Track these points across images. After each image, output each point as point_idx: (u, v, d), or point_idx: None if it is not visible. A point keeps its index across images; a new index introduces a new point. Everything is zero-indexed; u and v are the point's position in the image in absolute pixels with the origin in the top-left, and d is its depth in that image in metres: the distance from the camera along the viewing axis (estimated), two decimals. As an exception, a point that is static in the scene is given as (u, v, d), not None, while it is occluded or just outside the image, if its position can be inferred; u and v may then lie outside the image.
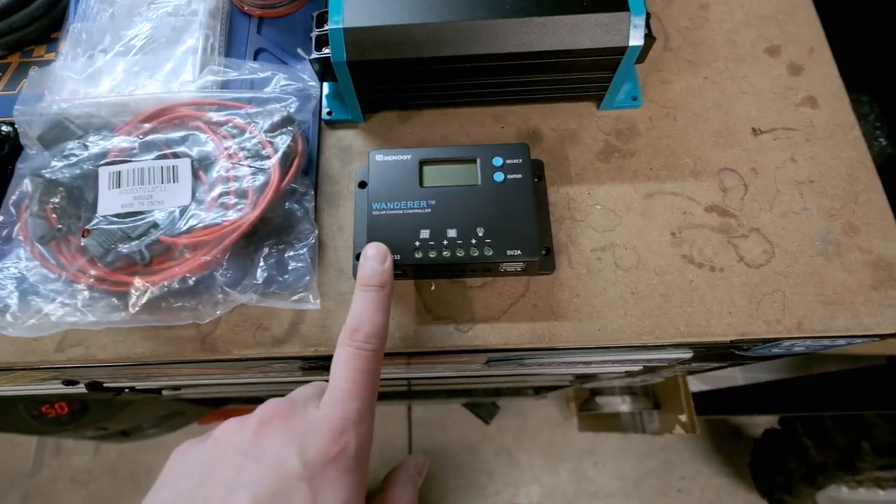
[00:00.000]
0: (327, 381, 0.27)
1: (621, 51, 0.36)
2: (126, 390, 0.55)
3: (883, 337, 0.38)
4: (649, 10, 0.37)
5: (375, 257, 0.31)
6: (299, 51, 0.44)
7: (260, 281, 0.35)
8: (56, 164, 0.36)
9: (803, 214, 0.39)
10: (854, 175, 0.40)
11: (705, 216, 0.39)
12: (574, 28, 0.35)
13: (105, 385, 0.50)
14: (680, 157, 0.41)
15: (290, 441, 0.24)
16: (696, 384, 1.05)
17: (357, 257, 0.38)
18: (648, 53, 0.38)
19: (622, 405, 0.94)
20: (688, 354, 0.45)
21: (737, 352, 0.44)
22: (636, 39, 0.35)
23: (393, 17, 0.35)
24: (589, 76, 0.39)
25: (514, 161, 0.37)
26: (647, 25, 0.36)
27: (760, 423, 1.15)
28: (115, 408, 0.79)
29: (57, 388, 0.50)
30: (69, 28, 0.42)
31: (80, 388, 0.50)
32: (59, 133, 0.37)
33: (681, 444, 1.19)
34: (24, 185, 0.36)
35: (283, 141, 0.37)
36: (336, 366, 0.27)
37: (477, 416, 1.22)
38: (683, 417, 0.80)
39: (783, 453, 1.02)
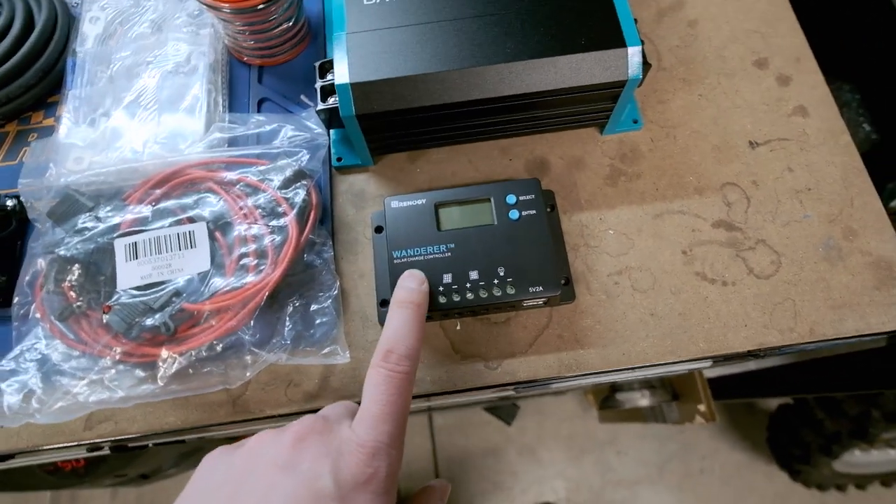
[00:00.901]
0: (358, 402, 0.28)
1: (622, 83, 0.37)
2: (150, 445, 0.55)
3: (890, 334, 0.39)
4: (642, 37, 0.38)
5: (412, 279, 0.33)
6: (303, 97, 0.44)
7: (288, 340, 0.35)
8: (69, 240, 0.36)
9: (804, 222, 0.41)
10: (848, 179, 0.42)
11: (713, 232, 0.41)
12: (575, 67, 0.36)
13: (130, 445, 0.49)
14: (683, 175, 0.42)
15: (325, 459, 0.24)
16: (709, 370, 1.08)
17: (381, 304, 0.38)
18: (646, 78, 0.39)
19: (642, 399, 0.96)
20: (707, 364, 0.46)
21: (753, 357, 0.45)
22: (635, 71, 0.36)
23: (398, 69, 0.35)
24: (592, 107, 0.40)
25: (527, 197, 0.38)
26: (643, 53, 0.37)
27: (774, 398, 1.18)
28: (134, 453, 0.78)
29: (79, 453, 0.49)
30: (68, 94, 0.42)
31: (104, 452, 0.49)
32: (69, 207, 0.37)
33: (699, 426, 1.21)
34: (37, 265, 0.36)
35: (297, 196, 0.37)
36: (368, 387, 0.27)
37: (498, 417, 1.23)
38: (702, 407, 0.82)
39: (798, 427, 1.05)
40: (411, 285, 0.32)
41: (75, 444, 0.37)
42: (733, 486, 1.18)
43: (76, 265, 0.35)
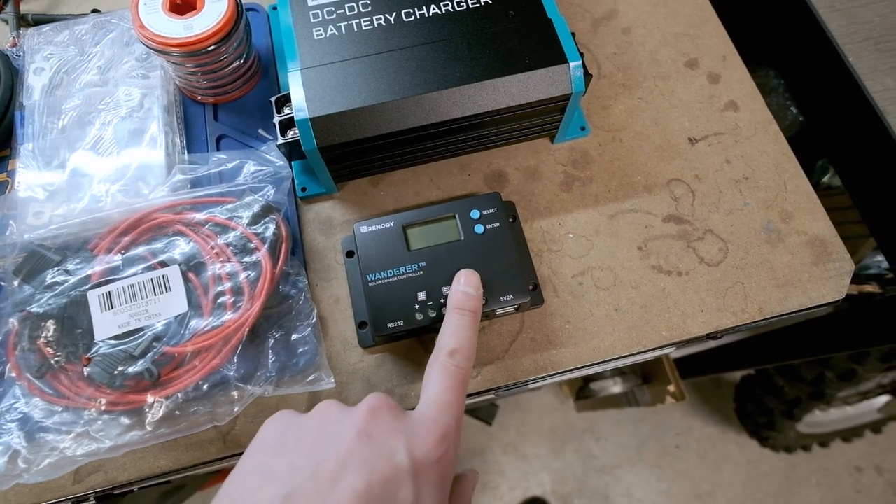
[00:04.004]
0: None
1: (567, 97, 0.39)
2: (135, 489, 0.54)
3: (830, 304, 0.43)
4: (581, 49, 0.41)
5: (469, 283, 0.34)
6: (261, 131, 0.45)
7: (273, 372, 0.36)
8: (40, 296, 0.35)
9: (745, 209, 0.44)
10: (780, 166, 0.46)
11: (664, 226, 0.44)
12: (521, 85, 0.38)
13: (115, 493, 0.49)
14: (632, 175, 0.45)
15: (400, 434, 0.25)
16: (675, 352, 1.12)
17: (360, 326, 0.39)
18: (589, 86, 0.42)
19: (614, 387, 1.00)
20: (672, 349, 0.49)
21: (712, 338, 0.48)
22: (579, 85, 0.39)
23: (354, 100, 0.37)
24: (541, 120, 0.42)
25: (490, 211, 0.40)
26: (584, 65, 0.40)
27: (737, 371, 1.24)
28: (117, 500, 0.76)
29: (64, 508, 0.49)
30: (19, 148, 0.41)
31: (90, 502, 0.48)
32: (35, 263, 0.36)
33: (670, 405, 1.27)
34: (8, 324, 0.35)
35: (267, 230, 0.38)
36: (435, 378, 0.29)
37: (478, 419, 1.25)
38: (671, 388, 0.86)
39: (762, 396, 1.11)
40: (470, 290, 0.33)
41: (63, 499, 0.37)
42: (708, 459, 1.24)
43: (50, 321, 0.35)
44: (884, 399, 1.06)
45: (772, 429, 1.12)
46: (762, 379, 1.11)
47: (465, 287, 0.34)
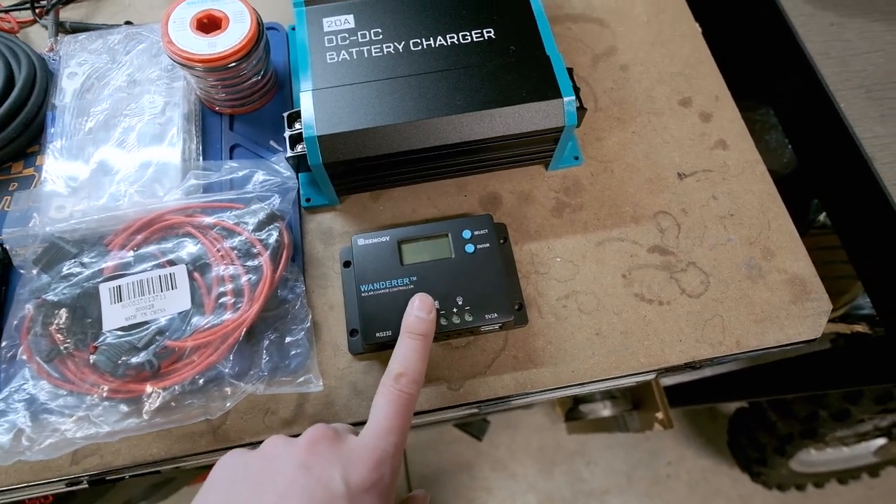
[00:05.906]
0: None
1: (560, 129, 0.41)
2: (126, 477, 0.56)
3: (807, 342, 0.44)
4: (577, 83, 0.43)
5: (422, 308, 0.35)
6: (272, 143, 0.47)
7: (265, 371, 0.38)
8: (56, 285, 0.38)
9: (728, 245, 0.46)
10: (765, 205, 0.48)
11: (649, 256, 0.45)
12: (517, 116, 0.40)
13: (107, 478, 0.51)
14: (621, 205, 0.47)
15: (336, 463, 0.28)
16: (668, 378, 1.13)
17: (351, 333, 0.41)
18: (584, 119, 0.44)
19: (604, 410, 1.01)
20: (651, 376, 0.51)
21: (690, 368, 0.50)
22: (571, 119, 0.41)
23: (360, 122, 0.39)
24: (536, 148, 0.44)
25: (481, 232, 0.42)
26: (578, 99, 0.42)
27: (732, 402, 1.23)
28: (105, 487, 0.78)
29: (58, 488, 0.51)
30: (48, 146, 0.44)
31: (83, 486, 0.50)
32: (54, 254, 0.39)
33: (663, 432, 1.27)
34: (24, 310, 0.38)
35: (270, 237, 0.41)
36: (379, 403, 0.31)
37: (469, 434, 1.26)
38: (660, 415, 0.87)
39: (754, 430, 1.11)
40: (422, 314, 0.35)
41: (60, 478, 0.39)
42: (699, 491, 1.23)
43: (63, 309, 0.37)
44: (879, 442, 1.05)
45: (763, 464, 1.12)
46: (755, 413, 1.11)
47: (417, 311, 0.35)
